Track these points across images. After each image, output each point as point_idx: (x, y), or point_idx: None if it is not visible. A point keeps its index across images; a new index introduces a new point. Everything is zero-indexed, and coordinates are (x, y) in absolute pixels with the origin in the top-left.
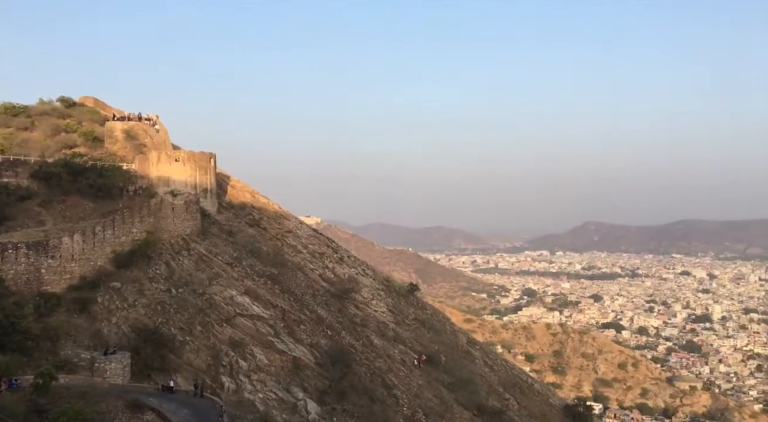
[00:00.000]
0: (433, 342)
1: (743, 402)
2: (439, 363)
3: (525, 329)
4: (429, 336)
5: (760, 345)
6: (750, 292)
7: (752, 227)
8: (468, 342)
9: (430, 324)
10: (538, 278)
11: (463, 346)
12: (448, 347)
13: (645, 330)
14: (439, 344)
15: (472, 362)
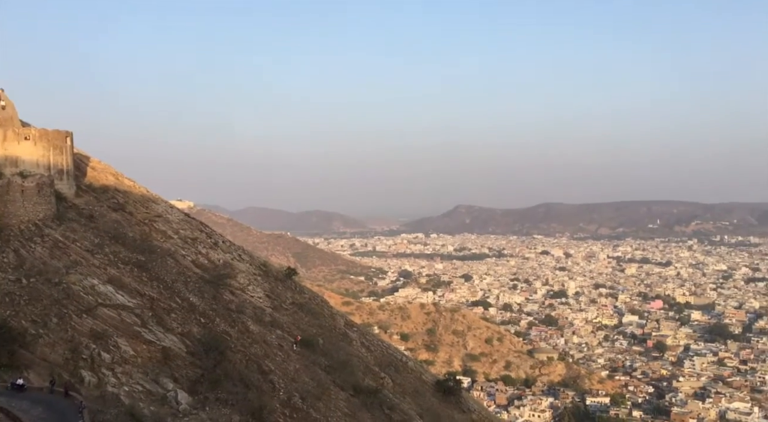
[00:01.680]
0: (311, 326)
1: (593, 369)
2: (317, 346)
3: (401, 309)
4: (307, 319)
5: (607, 316)
6: (599, 269)
7: (602, 210)
8: (346, 325)
9: (308, 308)
10: (413, 260)
11: (341, 328)
12: (326, 330)
13: (509, 306)
14: (317, 327)
15: (350, 344)
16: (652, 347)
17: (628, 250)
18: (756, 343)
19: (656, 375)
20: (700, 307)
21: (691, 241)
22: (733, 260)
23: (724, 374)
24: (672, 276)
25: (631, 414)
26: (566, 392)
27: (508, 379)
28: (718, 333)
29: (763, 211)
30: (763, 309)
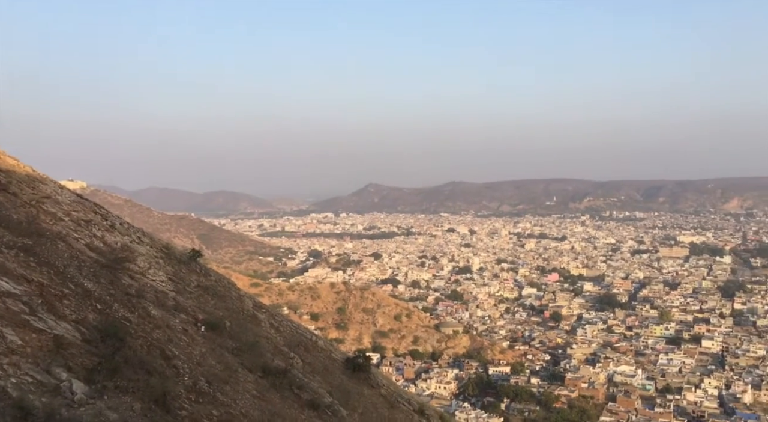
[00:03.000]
0: (218, 309)
1: (495, 340)
2: (224, 329)
3: (311, 289)
4: (213, 302)
5: (508, 290)
6: (501, 245)
7: (504, 188)
8: (254, 306)
9: (214, 291)
10: (323, 239)
11: (249, 310)
12: (233, 312)
13: (417, 283)
14: (223, 310)
15: (258, 325)
16: (549, 317)
17: (527, 226)
18: (640, 310)
19: (552, 343)
20: (592, 278)
21: (584, 217)
22: (621, 234)
23: (612, 340)
24: (567, 250)
25: (529, 381)
26: (470, 363)
27: (416, 353)
28: (607, 302)
29: (648, 188)
30: (646, 279)
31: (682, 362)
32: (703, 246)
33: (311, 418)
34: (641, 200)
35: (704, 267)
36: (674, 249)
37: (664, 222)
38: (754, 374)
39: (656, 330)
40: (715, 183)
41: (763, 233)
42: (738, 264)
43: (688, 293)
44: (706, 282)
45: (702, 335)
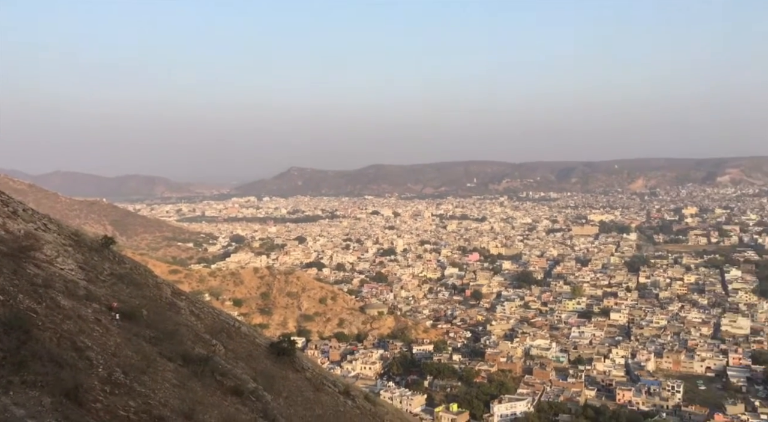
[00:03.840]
0: (134, 297)
1: (418, 320)
2: (141, 318)
3: (233, 275)
4: (128, 290)
5: (432, 270)
6: (424, 226)
7: (426, 171)
8: (173, 294)
9: (129, 279)
10: (246, 224)
11: (168, 298)
12: (150, 300)
13: (342, 265)
14: (140, 298)
15: (178, 313)
16: (470, 296)
17: (449, 208)
18: (554, 286)
19: (473, 321)
20: (510, 257)
21: (502, 198)
22: (537, 214)
23: (528, 315)
24: (487, 230)
25: (451, 358)
26: (395, 343)
27: (342, 336)
28: (524, 280)
29: (561, 169)
30: (560, 256)
31: (592, 334)
32: (611, 224)
33: (235, 405)
34: (555, 181)
35: (612, 244)
36: (585, 227)
37: (576, 202)
38: (657, 343)
39: (569, 305)
40: (622, 164)
41: (665, 210)
42: (642, 240)
43: (598, 269)
44: (614, 258)
45: (610, 308)
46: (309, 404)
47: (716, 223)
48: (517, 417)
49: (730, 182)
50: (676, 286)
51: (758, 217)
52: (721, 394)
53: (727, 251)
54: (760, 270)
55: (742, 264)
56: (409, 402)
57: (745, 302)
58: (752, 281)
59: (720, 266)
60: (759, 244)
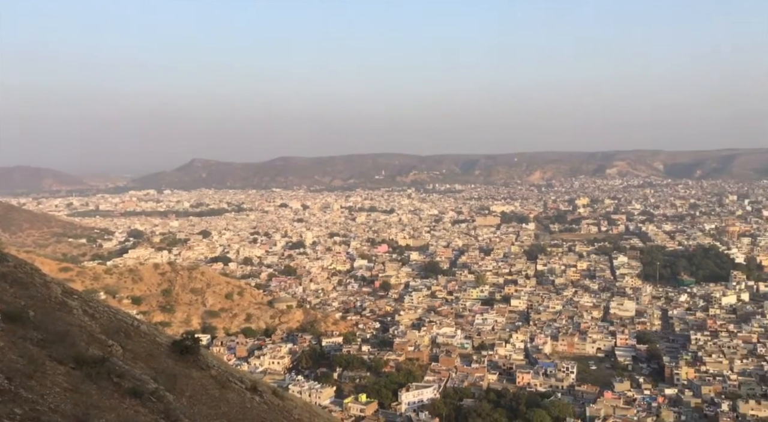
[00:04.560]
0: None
1: (328, 312)
2: (27, 320)
3: (131, 272)
4: (13, 291)
5: (341, 262)
6: (334, 219)
7: (335, 163)
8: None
9: (13, 278)
10: (145, 218)
11: (58, 297)
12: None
13: (250, 260)
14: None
15: (69, 313)
16: (379, 287)
17: (358, 200)
18: (459, 276)
19: (382, 311)
20: (418, 248)
21: (410, 190)
22: (443, 205)
23: (435, 304)
24: (395, 222)
25: (360, 350)
26: (304, 336)
27: (249, 331)
28: (431, 270)
29: (465, 161)
30: (465, 246)
31: (495, 320)
32: (512, 215)
33: (134, 407)
34: (460, 173)
35: (513, 234)
36: (488, 218)
37: (479, 193)
38: (553, 327)
39: (473, 293)
40: (521, 157)
41: (560, 201)
42: (540, 230)
43: (500, 258)
44: (515, 247)
45: (511, 295)
46: (214, 402)
47: (605, 213)
48: (424, 404)
49: (618, 174)
50: (570, 272)
51: (642, 207)
52: (610, 373)
53: (615, 239)
54: (644, 256)
55: (628, 251)
56: (318, 395)
57: (631, 287)
58: (637, 266)
59: (609, 253)
60: (643, 232)
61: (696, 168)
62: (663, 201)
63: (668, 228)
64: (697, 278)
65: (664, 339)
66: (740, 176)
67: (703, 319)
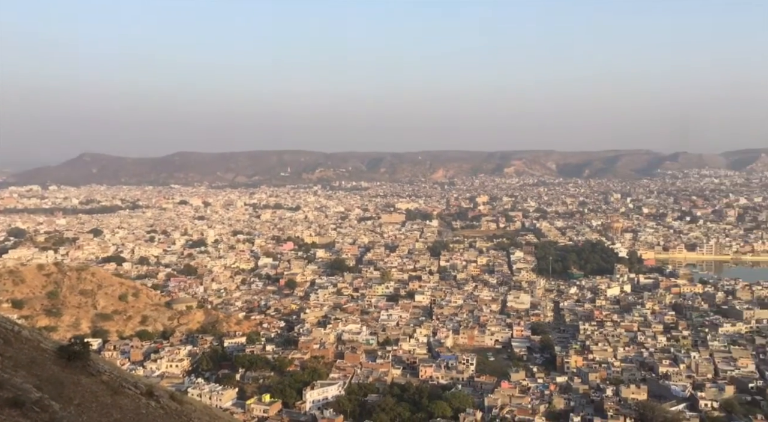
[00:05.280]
0: None
1: (231, 312)
2: None
3: (12, 273)
4: None
5: (245, 261)
6: (237, 216)
7: (239, 159)
8: None
9: None
10: (28, 216)
11: None
12: None
13: (146, 259)
14: None
15: None
16: (284, 285)
17: (263, 197)
18: (365, 273)
19: (287, 310)
20: (324, 245)
21: (316, 187)
22: (349, 203)
23: (341, 302)
24: (301, 219)
25: (264, 349)
26: (205, 338)
27: (145, 334)
28: (337, 267)
29: (371, 159)
30: (371, 243)
31: (399, 316)
32: (416, 212)
33: (14, 418)
34: (366, 171)
35: (417, 231)
36: (393, 215)
37: (385, 191)
38: (454, 321)
39: (378, 289)
40: (425, 156)
41: (461, 199)
42: (443, 227)
43: (405, 255)
44: (419, 244)
45: (415, 291)
46: (106, 409)
47: (504, 210)
48: (329, 401)
49: (515, 173)
50: (471, 268)
51: (537, 204)
52: (506, 363)
53: (512, 235)
54: (538, 251)
55: (524, 246)
56: (219, 397)
57: (527, 281)
58: (532, 261)
59: (507, 249)
60: (537, 228)
61: (584, 168)
62: (555, 199)
63: (560, 225)
64: (586, 272)
65: (556, 330)
66: (623, 175)
67: (591, 310)
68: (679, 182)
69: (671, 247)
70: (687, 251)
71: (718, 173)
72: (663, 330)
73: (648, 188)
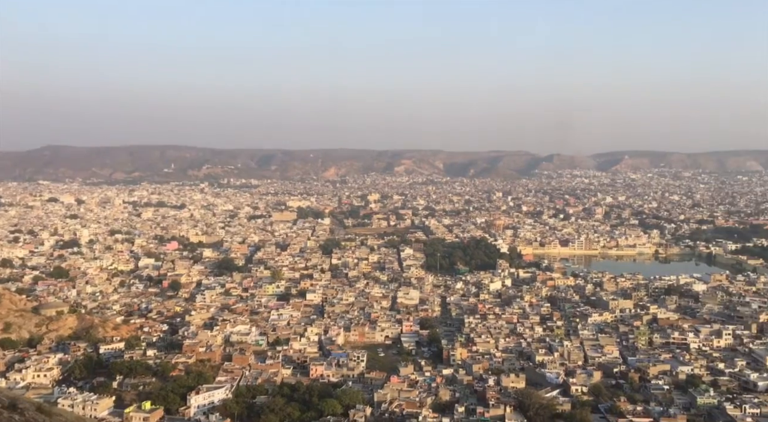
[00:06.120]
0: None
1: (108, 317)
2: None
3: None
4: None
5: (123, 262)
6: (115, 215)
7: (116, 154)
8: None
9: None
10: None
11: None
12: None
13: (9, 261)
14: None
15: None
16: (168, 287)
17: (144, 194)
18: (255, 272)
19: (171, 312)
20: (211, 245)
21: (203, 184)
22: (238, 201)
23: (230, 302)
24: (186, 218)
25: (145, 354)
26: (78, 344)
27: (8, 342)
28: (225, 267)
29: (262, 156)
30: (261, 242)
31: (290, 315)
32: (308, 210)
33: None
34: (256, 168)
35: (309, 229)
36: (285, 213)
37: (276, 189)
38: (346, 318)
39: (269, 289)
40: (317, 154)
41: (353, 197)
42: (335, 225)
43: (296, 253)
44: (311, 242)
45: (307, 289)
46: None
47: (394, 208)
48: (215, 405)
49: (405, 171)
50: (363, 265)
51: (426, 202)
52: (396, 358)
53: (402, 233)
54: (426, 248)
55: (414, 244)
56: (94, 407)
57: (416, 277)
58: (421, 257)
59: (397, 246)
60: (426, 226)
61: (470, 168)
62: (443, 197)
63: (447, 222)
64: (471, 267)
65: (443, 324)
66: (505, 175)
67: (475, 304)
68: (554, 182)
69: (547, 243)
70: (561, 246)
71: (588, 174)
72: (540, 320)
73: (527, 187)
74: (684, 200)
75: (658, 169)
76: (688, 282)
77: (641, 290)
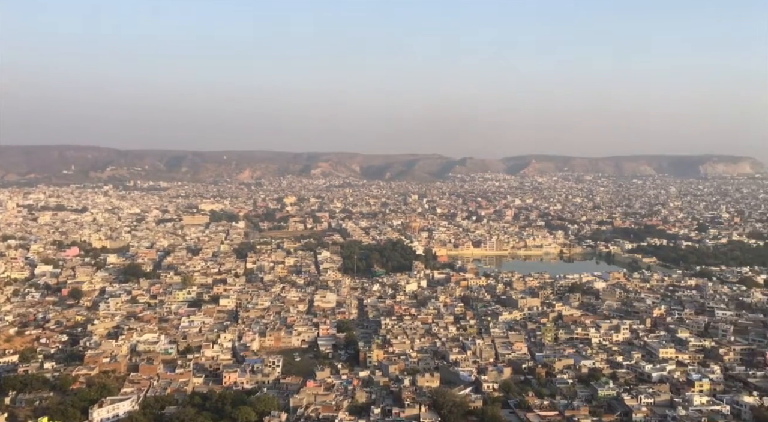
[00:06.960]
0: None
1: (0, 328)
2: None
3: None
4: None
5: (17, 269)
6: (8, 219)
7: (9, 154)
8: None
9: None
10: None
11: None
12: None
13: None
14: None
15: None
16: (68, 295)
17: (41, 197)
18: (164, 278)
19: (71, 322)
20: (116, 250)
21: (107, 186)
22: (146, 204)
23: (136, 310)
24: (88, 222)
25: (42, 367)
26: None
27: None
28: (132, 273)
29: (171, 157)
30: (171, 247)
31: (202, 322)
32: (221, 213)
33: None
34: (165, 170)
35: (222, 232)
36: (196, 217)
37: (186, 191)
38: (261, 323)
39: (179, 295)
40: (230, 155)
41: (269, 199)
42: (250, 228)
43: (209, 258)
44: (224, 246)
45: (220, 295)
46: None
47: (311, 210)
48: (120, 419)
49: (322, 174)
50: (279, 269)
51: (343, 205)
52: (312, 362)
53: (319, 236)
54: (344, 251)
55: (331, 246)
56: None
57: (333, 280)
58: (338, 260)
59: (314, 249)
60: (343, 228)
61: (386, 171)
62: (360, 200)
63: (364, 225)
64: (387, 269)
65: (360, 326)
66: (420, 178)
67: (392, 305)
68: (467, 185)
69: (460, 244)
70: (473, 247)
71: (498, 177)
72: (453, 320)
73: (441, 190)
74: (586, 202)
75: (562, 172)
76: (590, 280)
77: (548, 289)
